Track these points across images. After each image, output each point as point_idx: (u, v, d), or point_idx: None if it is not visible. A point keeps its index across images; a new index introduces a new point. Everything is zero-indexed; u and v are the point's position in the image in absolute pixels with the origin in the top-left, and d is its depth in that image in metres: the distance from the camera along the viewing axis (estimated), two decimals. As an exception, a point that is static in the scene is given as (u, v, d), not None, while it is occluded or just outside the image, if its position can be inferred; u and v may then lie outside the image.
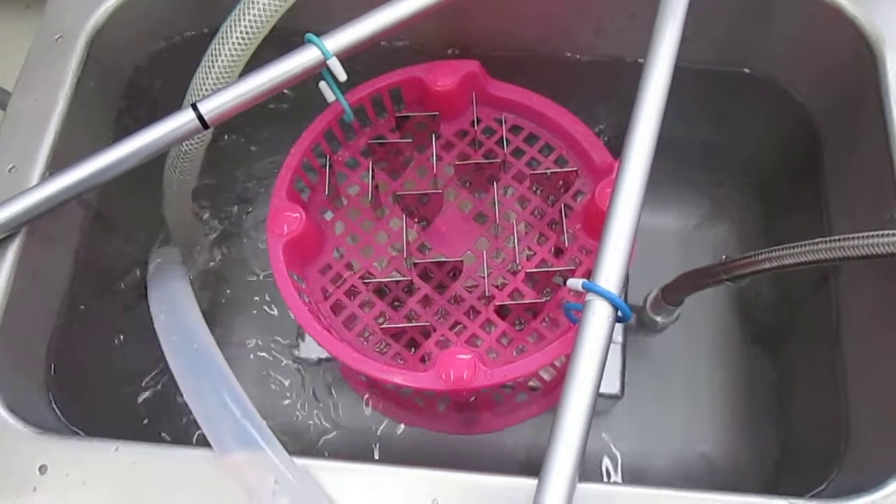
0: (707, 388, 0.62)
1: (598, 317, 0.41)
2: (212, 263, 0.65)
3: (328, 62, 0.47)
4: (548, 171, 0.54)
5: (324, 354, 0.62)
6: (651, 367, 0.64)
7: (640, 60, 0.47)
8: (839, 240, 0.43)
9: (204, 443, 0.42)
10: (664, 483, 0.59)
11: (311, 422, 0.62)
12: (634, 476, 0.60)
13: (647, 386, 0.63)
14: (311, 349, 0.61)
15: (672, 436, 0.61)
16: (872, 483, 0.41)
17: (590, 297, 0.41)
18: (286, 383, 0.62)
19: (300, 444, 0.60)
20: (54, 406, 0.47)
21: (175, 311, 0.49)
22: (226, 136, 0.64)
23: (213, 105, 0.47)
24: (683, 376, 0.63)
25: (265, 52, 0.49)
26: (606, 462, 0.61)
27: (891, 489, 0.40)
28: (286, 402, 0.62)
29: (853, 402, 0.49)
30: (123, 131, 0.57)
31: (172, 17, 0.58)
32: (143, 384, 0.57)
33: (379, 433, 0.62)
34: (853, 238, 0.42)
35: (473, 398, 0.55)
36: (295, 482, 0.40)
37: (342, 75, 0.48)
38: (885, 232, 0.42)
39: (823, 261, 0.44)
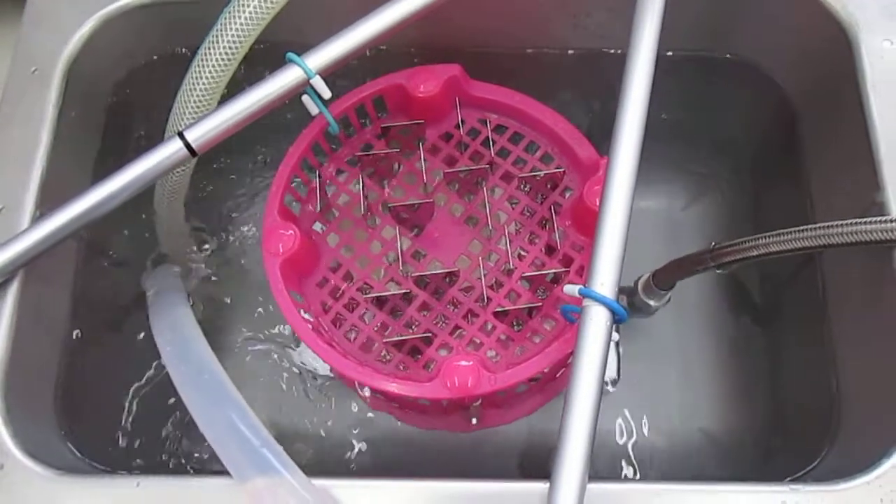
0: (701, 364, 0.63)
1: (596, 322, 0.41)
2: (209, 278, 0.65)
3: (311, 81, 0.47)
4: (534, 171, 0.55)
5: (327, 368, 0.62)
6: (644, 348, 0.65)
7: (622, 52, 0.46)
8: (824, 227, 0.44)
9: (224, 471, 0.43)
10: (666, 461, 0.61)
11: (314, 431, 0.62)
12: (635, 457, 0.61)
13: (642, 366, 0.64)
14: (313, 363, 0.62)
15: (670, 413, 0.63)
16: (865, 461, 0.42)
17: (586, 302, 0.42)
18: (289, 394, 0.63)
19: (308, 454, 0.61)
20: (71, 445, 0.48)
21: (180, 341, 0.49)
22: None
23: (200, 132, 0.46)
24: (677, 355, 0.64)
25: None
26: (607, 446, 0.62)
27: (884, 469, 0.41)
28: (289, 413, 0.62)
29: (842, 378, 0.50)
30: (110, 156, 0.57)
31: (147, 39, 0.57)
32: (157, 413, 0.58)
33: (377, 433, 0.62)
34: (838, 225, 0.43)
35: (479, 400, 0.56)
36: (316, 504, 0.42)
37: (326, 93, 0.47)
38: (870, 219, 0.43)
39: (809, 248, 0.45)
